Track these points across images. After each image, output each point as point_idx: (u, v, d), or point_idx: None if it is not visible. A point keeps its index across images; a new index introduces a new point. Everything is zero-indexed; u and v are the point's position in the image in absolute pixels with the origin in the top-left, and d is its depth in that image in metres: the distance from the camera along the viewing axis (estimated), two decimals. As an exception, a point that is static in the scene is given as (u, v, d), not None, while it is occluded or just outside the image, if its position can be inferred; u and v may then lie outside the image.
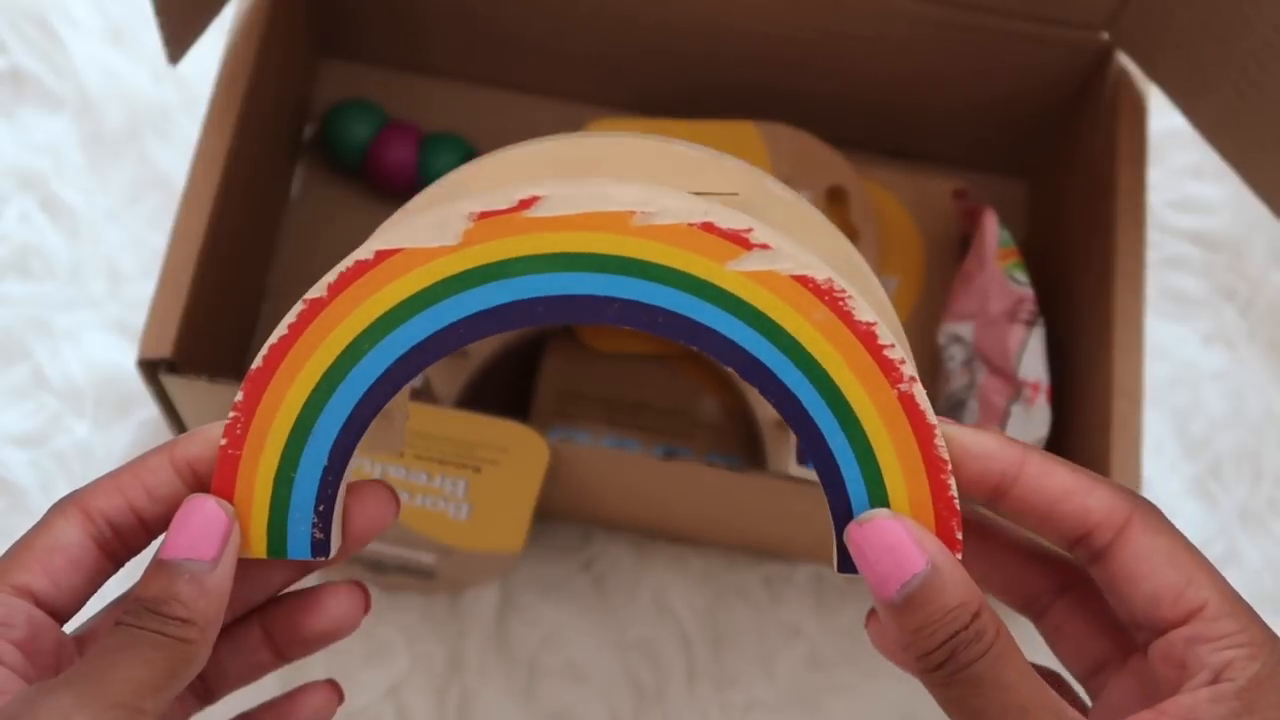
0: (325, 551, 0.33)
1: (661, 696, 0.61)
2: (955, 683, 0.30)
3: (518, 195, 0.30)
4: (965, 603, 0.30)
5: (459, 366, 0.60)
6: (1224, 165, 0.57)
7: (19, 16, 0.69)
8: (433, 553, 0.56)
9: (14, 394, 0.63)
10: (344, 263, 0.31)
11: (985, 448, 0.32)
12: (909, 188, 0.68)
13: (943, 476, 0.31)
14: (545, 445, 0.53)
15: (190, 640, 0.31)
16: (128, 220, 0.66)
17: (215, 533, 0.32)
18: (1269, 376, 0.68)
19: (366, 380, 0.31)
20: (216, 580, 0.31)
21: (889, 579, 0.30)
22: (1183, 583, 0.31)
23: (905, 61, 0.64)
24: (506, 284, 0.30)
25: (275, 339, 0.31)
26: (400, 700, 0.60)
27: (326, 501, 0.32)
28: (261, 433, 0.32)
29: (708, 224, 0.30)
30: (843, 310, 0.30)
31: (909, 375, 0.31)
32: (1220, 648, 0.30)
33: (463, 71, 0.69)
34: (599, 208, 0.30)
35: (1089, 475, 0.32)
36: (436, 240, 0.30)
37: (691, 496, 0.57)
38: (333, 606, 0.36)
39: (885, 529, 0.30)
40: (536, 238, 0.30)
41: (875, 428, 0.31)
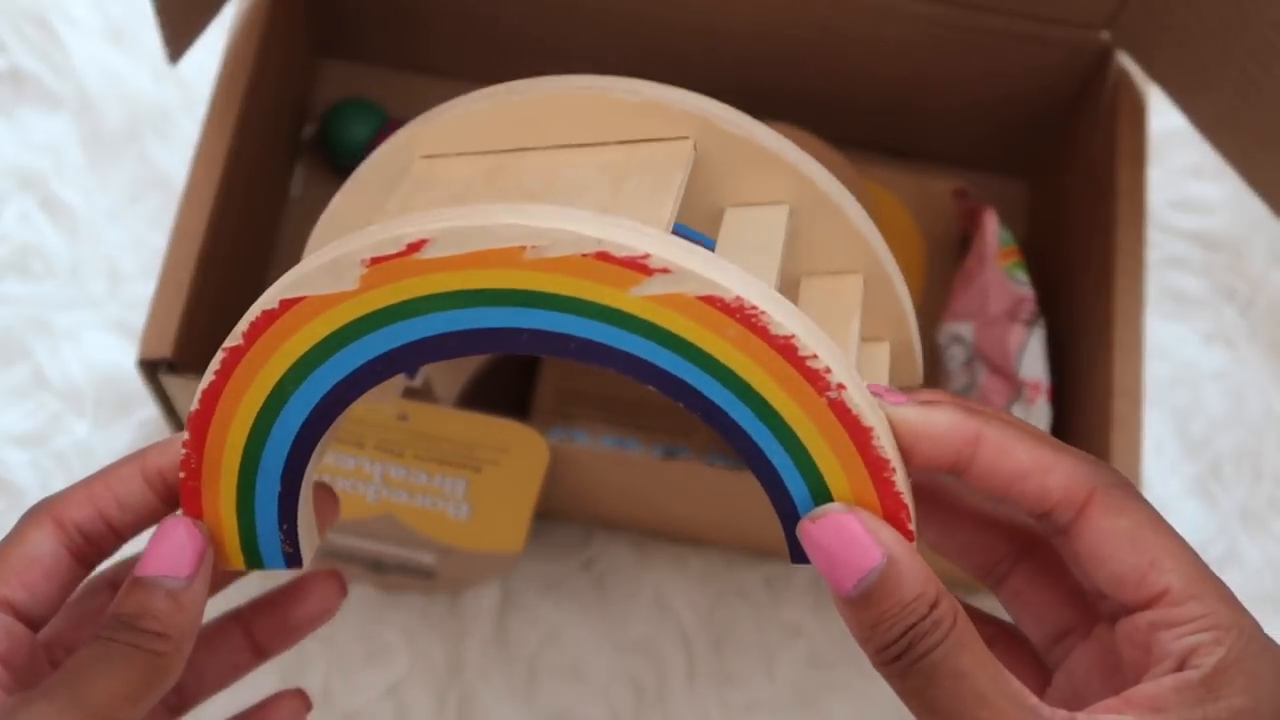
0: (298, 562, 0.34)
1: (661, 696, 0.61)
2: (912, 674, 0.29)
3: (405, 239, 0.29)
4: (923, 594, 0.29)
5: (459, 366, 0.60)
6: (1224, 165, 0.57)
7: (19, 16, 0.69)
8: (433, 553, 0.56)
9: (14, 394, 0.63)
10: (252, 311, 0.31)
11: (936, 429, 0.31)
12: (909, 188, 0.68)
13: (886, 475, 0.30)
14: (545, 445, 0.53)
15: (165, 653, 0.32)
16: (128, 220, 0.66)
17: (191, 551, 0.32)
18: (1269, 376, 0.68)
19: (299, 416, 0.32)
20: (191, 596, 0.32)
21: (845, 575, 0.30)
22: (1145, 565, 0.30)
23: (905, 61, 0.64)
24: (412, 323, 0.30)
25: (205, 384, 0.32)
26: (400, 700, 0.60)
27: (289, 519, 0.33)
28: (214, 467, 0.32)
29: (601, 254, 0.29)
30: (757, 325, 0.29)
31: (836, 382, 0.29)
32: (1184, 633, 0.29)
33: (463, 71, 0.69)
34: (487, 245, 0.29)
35: (1052, 448, 0.31)
36: (336, 286, 0.30)
37: (691, 496, 0.57)
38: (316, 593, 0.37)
39: (839, 523, 0.30)
40: (431, 278, 0.30)
41: (810, 436, 0.30)
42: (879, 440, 0.30)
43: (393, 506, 0.55)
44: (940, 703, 0.29)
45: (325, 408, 0.32)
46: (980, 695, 0.29)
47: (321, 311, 0.30)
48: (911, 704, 0.30)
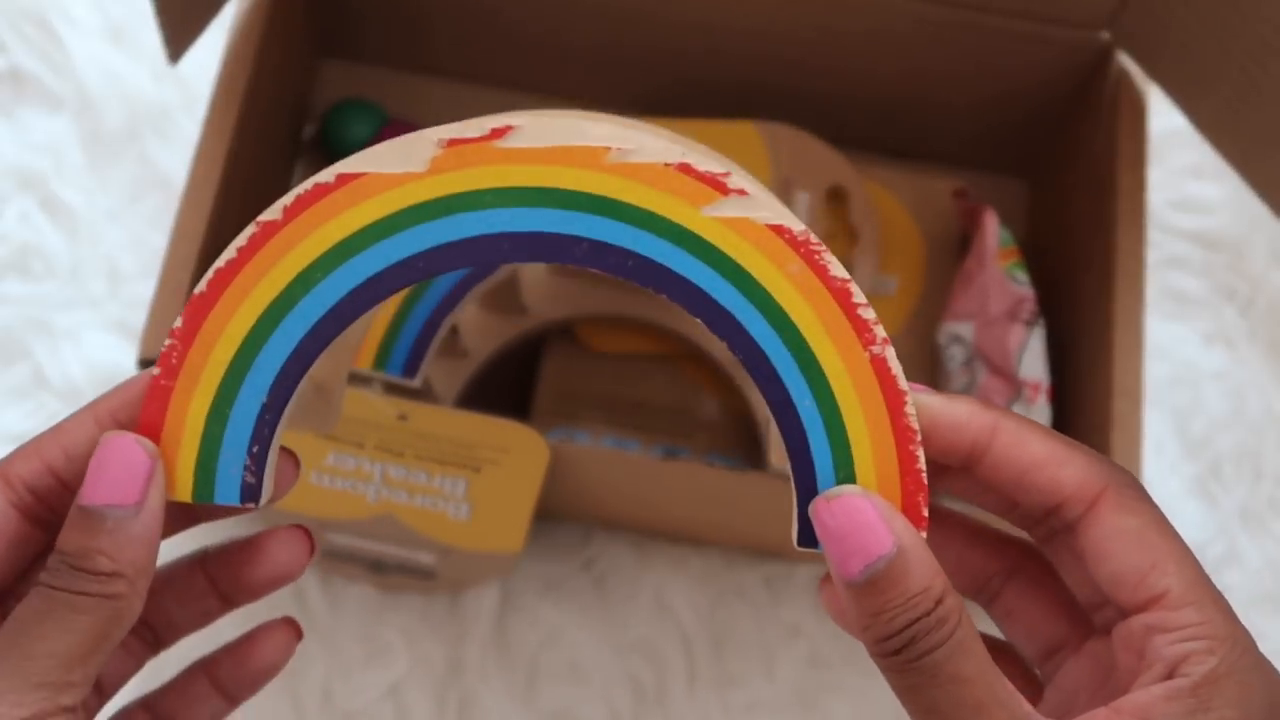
0: (255, 497, 0.31)
1: (661, 696, 0.61)
2: (911, 670, 0.29)
3: (490, 124, 0.29)
4: (929, 588, 0.29)
5: (459, 366, 0.60)
6: (1224, 165, 0.57)
7: (19, 16, 0.69)
8: (433, 553, 0.56)
9: (14, 394, 0.63)
10: (302, 185, 0.29)
11: (956, 416, 0.30)
12: (909, 188, 0.68)
13: (911, 448, 0.30)
14: (545, 445, 0.53)
15: (118, 595, 0.29)
16: (128, 220, 0.66)
17: (137, 474, 0.29)
18: (1269, 376, 0.68)
19: (316, 311, 0.29)
20: (142, 526, 0.29)
21: (852, 558, 0.29)
22: (1146, 566, 0.30)
23: (906, 61, 0.64)
24: (472, 216, 0.29)
25: (222, 262, 0.29)
26: (400, 701, 0.60)
27: (261, 442, 0.30)
28: (199, 363, 0.30)
29: (684, 165, 0.29)
30: (818, 264, 0.29)
31: (881, 337, 0.29)
32: (1178, 639, 0.29)
33: (463, 71, 0.69)
34: (573, 141, 0.29)
35: (1065, 444, 0.31)
36: (402, 166, 0.29)
37: (691, 496, 0.57)
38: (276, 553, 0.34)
39: (853, 507, 0.29)
40: (506, 169, 0.29)
41: (845, 391, 0.29)
42: (910, 408, 0.30)
43: (393, 506, 0.55)
44: (939, 705, 0.29)
45: (346, 306, 0.29)
46: (978, 703, 0.28)
47: (381, 191, 0.29)
48: (908, 700, 0.29)
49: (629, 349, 0.63)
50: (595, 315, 0.62)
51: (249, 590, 0.34)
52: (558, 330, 0.63)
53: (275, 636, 0.35)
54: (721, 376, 0.62)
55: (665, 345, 0.63)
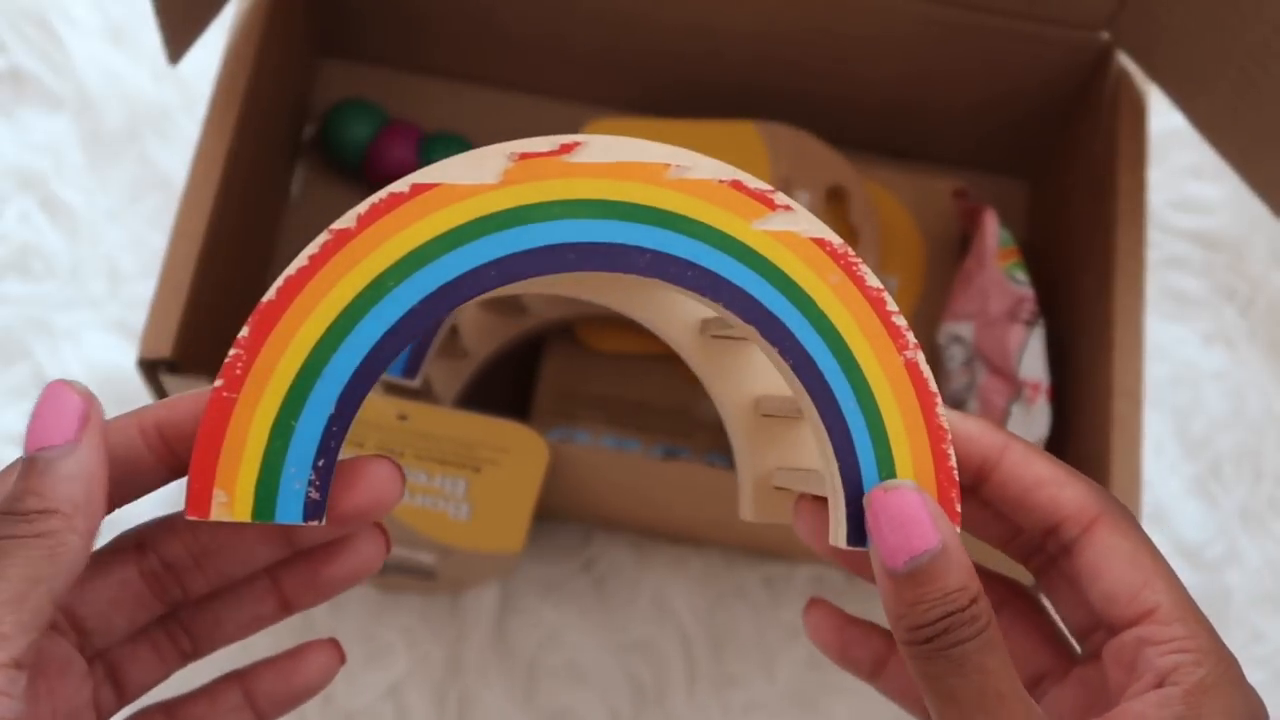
0: (319, 514, 0.30)
1: (661, 696, 0.61)
2: (939, 658, 0.30)
3: (560, 140, 0.30)
4: (966, 587, 0.30)
5: (459, 366, 0.60)
6: (1224, 165, 0.57)
7: (19, 16, 0.69)
8: (433, 553, 0.56)
9: (14, 394, 0.63)
10: (377, 194, 0.30)
11: (971, 431, 0.33)
12: (909, 188, 0.68)
13: (944, 446, 0.32)
14: (545, 445, 0.53)
15: (50, 532, 0.28)
16: (128, 220, 0.66)
17: (68, 414, 0.29)
18: (1269, 376, 0.68)
19: (387, 320, 0.30)
20: (76, 462, 0.28)
21: (899, 549, 0.30)
22: (1139, 584, 0.31)
23: (906, 61, 0.64)
24: (541, 227, 0.30)
25: (293, 270, 0.29)
26: (400, 701, 0.60)
27: (327, 456, 0.30)
28: (264, 373, 0.29)
29: (736, 182, 0.31)
30: (856, 275, 0.31)
31: (913, 343, 0.31)
32: (1167, 651, 0.31)
33: (463, 71, 0.69)
34: (637, 158, 0.30)
35: (1067, 471, 0.33)
36: (475, 177, 0.30)
37: (691, 496, 0.57)
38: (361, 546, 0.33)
39: (908, 500, 0.30)
40: (575, 182, 0.30)
41: (884, 393, 0.31)
42: (941, 409, 0.32)
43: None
44: (961, 692, 0.30)
45: (417, 315, 0.30)
46: (1000, 693, 0.30)
47: (454, 201, 0.30)
48: (928, 686, 0.30)
49: (629, 349, 0.63)
50: (595, 315, 0.62)
51: (325, 587, 0.33)
52: (558, 330, 0.63)
53: (321, 655, 0.34)
54: (721, 376, 0.62)
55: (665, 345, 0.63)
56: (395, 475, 0.31)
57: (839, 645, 0.37)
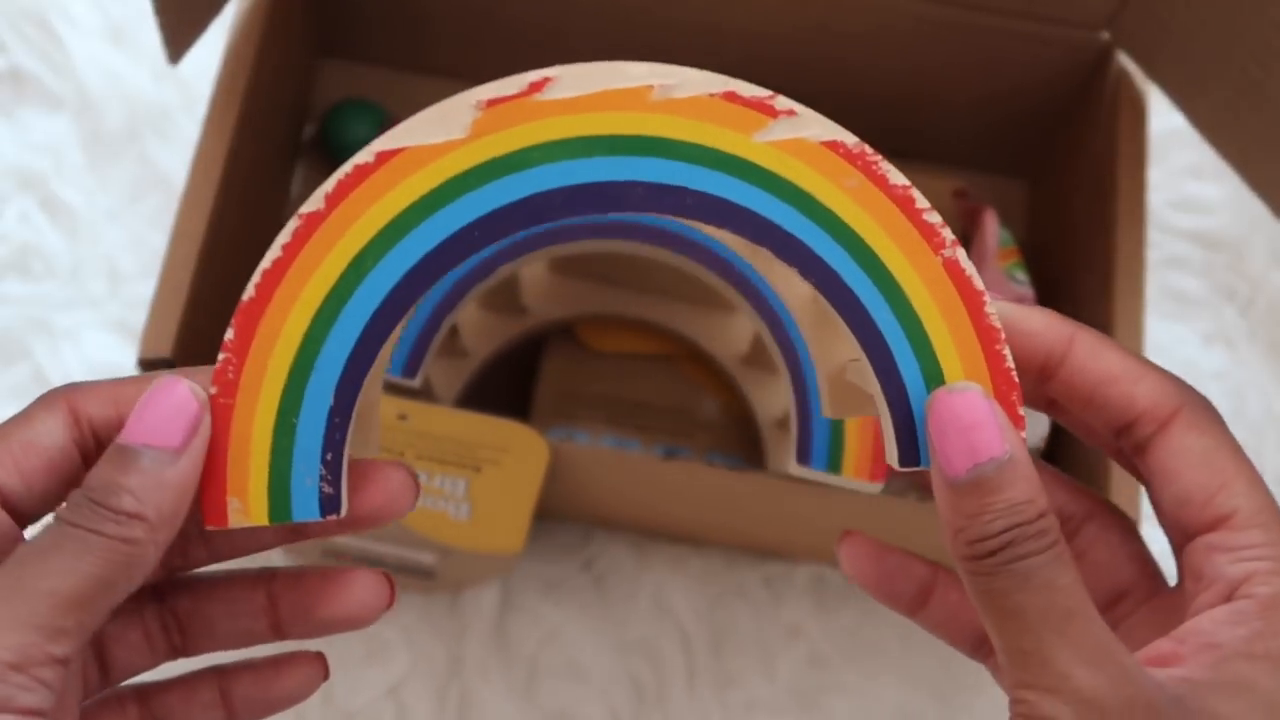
0: (336, 508, 0.29)
1: (661, 696, 0.61)
2: (1002, 573, 0.27)
3: (528, 79, 0.28)
4: (1034, 499, 0.28)
5: (459, 366, 0.60)
6: (1224, 165, 0.57)
7: (19, 16, 0.69)
8: (433, 553, 0.56)
9: (14, 394, 0.63)
10: (342, 169, 0.28)
11: (1031, 325, 0.30)
12: (909, 188, 0.68)
13: (997, 347, 0.29)
14: (545, 445, 0.53)
15: (134, 540, 0.27)
16: (128, 220, 0.66)
17: (182, 418, 0.28)
18: (1269, 376, 0.68)
19: (373, 301, 0.28)
20: (178, 473, 0.27)
21: (960, 456, 0.28)
22: (1214, 487, 0.29)
23: (906, 61, 0.64)
24: (522, 176, 0.28)
25: (268, 263, 0.28)
26: (400, 700, 0.60)
27: (334, 449, 0.29)
28: (257, 374, 0.28)
29: (730, 93, 0.28)
30: (876, 174, 0.29)
31: (951, 239, 0.29)
32: (1239, 559, 0.28)
33: (463, 70, 0.69)
34: (615, 84, 0.28)
35: (1140, 361, 0.30)
36: (442, 135, 0.28)
37: (691, 496, 0.57)
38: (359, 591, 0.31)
39: (972, 404, 0.28)
40: (551, 122, 0.28)
41: (922, 298, 0.29)
42: (991, 308, 0.29)
43: (393, 506, 0.55)
44: (1026, 609, 0.27)
45: (404, 290, 0.28)
46: (1069, 611, 0.27)
47: (424, 164, 0.28)
48: (989, 604, 0.28)
49: (629, 349, 0.63)
50: (595, 315, 0.62)
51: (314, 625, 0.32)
52: (558, 330, 0.63)
53: (304, 668, 0.33)
54: (721, 376, 0.62)
55: (665, 345, 0.63)
56: (409, 480, 0.31)
57: (879, 577, 0.34)
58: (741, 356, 0.61)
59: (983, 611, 0.28)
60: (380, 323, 0.28)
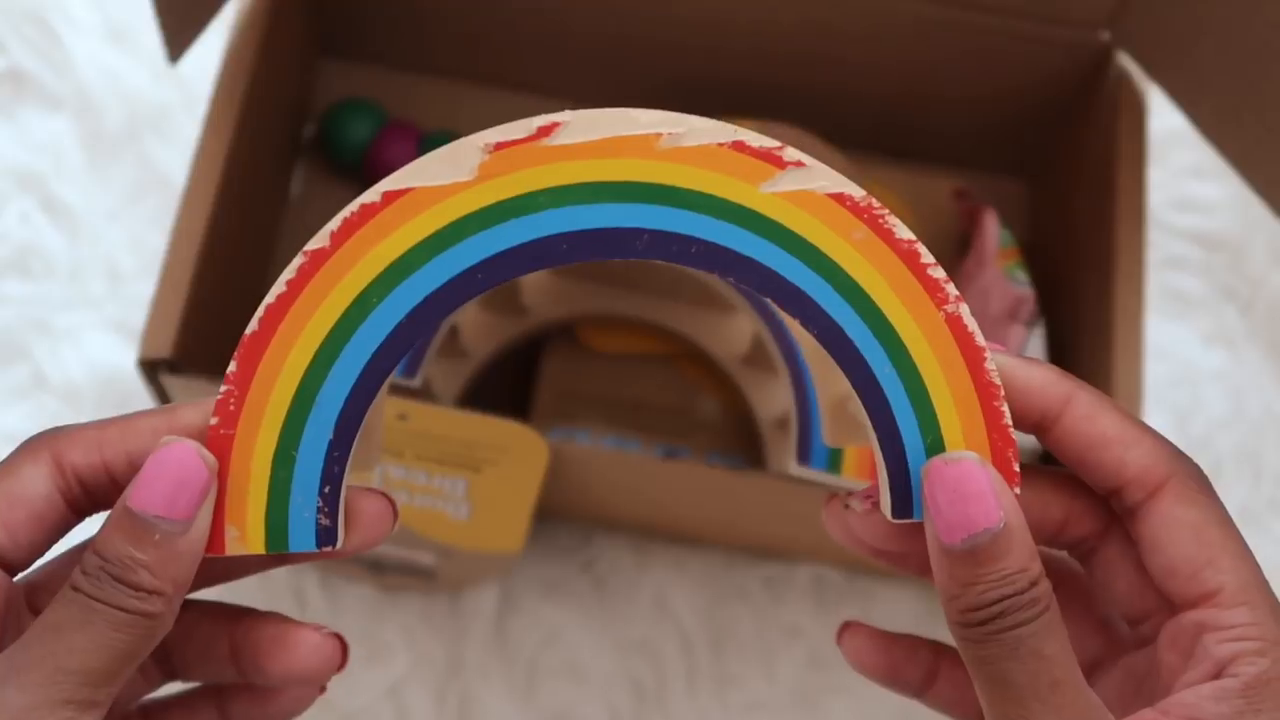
0: (332, 540, 0.30)
1: (661, 696, 0.61)
2: (992, 642, 0.28)
3: (536, 123, 0.28)
4: (1026, 568, 0.28)
5: (459, 366, 0.60)
6: (1224, 165, 0.57)
7: (19, 16, 0.69)
8: (433, 553, 0.56)
9: (14, 394, 0.63)
10: (348, 208, 0.28)
11: (1031, 382, 0.30)
12: (909, 187, 0.68)
13: (996, 404, 0.29)
14: (545, 445, 0.53)
15: (156, 614, 0.28)
16: (128, 220, 0.66)
17: (193, 488, 0.28)
18: (1269, 376, 0.68)
19: (376, 338, 0.29)
20: (189, 544, 0.28)
21: (957, 525, 0.28)
22: (1202, 561, 0.29)
23: (906, 60, 0.64)
24: (527, 220, 0.28)
25: (272, 298, 0.28)
26: (400, 700, 0.60)
27: (332, 482, 0.29)
28: (259, 406, 0.29)
29: (738, 143, 0.28)
30: (883, 229, 0.29)
31: (954, 295, 0.29)
32: (1227, 639, 0.28)
33: (463, 71, 0.69)
34: (623, 131, 0.28)
35: (1135, 426, 0.30)
36: (450, 176, 0.28)
37: (691, 496, 0.57)
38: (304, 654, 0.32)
39: (969, 475, 0.28)
40: (558, 167, 0.28)
41: (923, 353, 0.29)
42: (991, 364, 0.29)
43: (393, 506, 0.55)
44: (1014, 676, 0.28)
45: (406, 329, 0.28)
46: (1056, 680, 0.28)
47: (430, 205, 0.28)
48: (980, 671, 0.28)
49: (629, 349, 0.63)
50: (595, 315, 0.62)
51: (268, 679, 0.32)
52: (558, 330, 0.63)
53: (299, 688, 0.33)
54: (721, 376, 0.62)
55: (665, 345, 0.63)
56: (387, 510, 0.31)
57: (888, 668, 0.35)
58: (741, 356, 0.61)
59: (974, 677, 0.29)
60: (382, 360, 0.29)
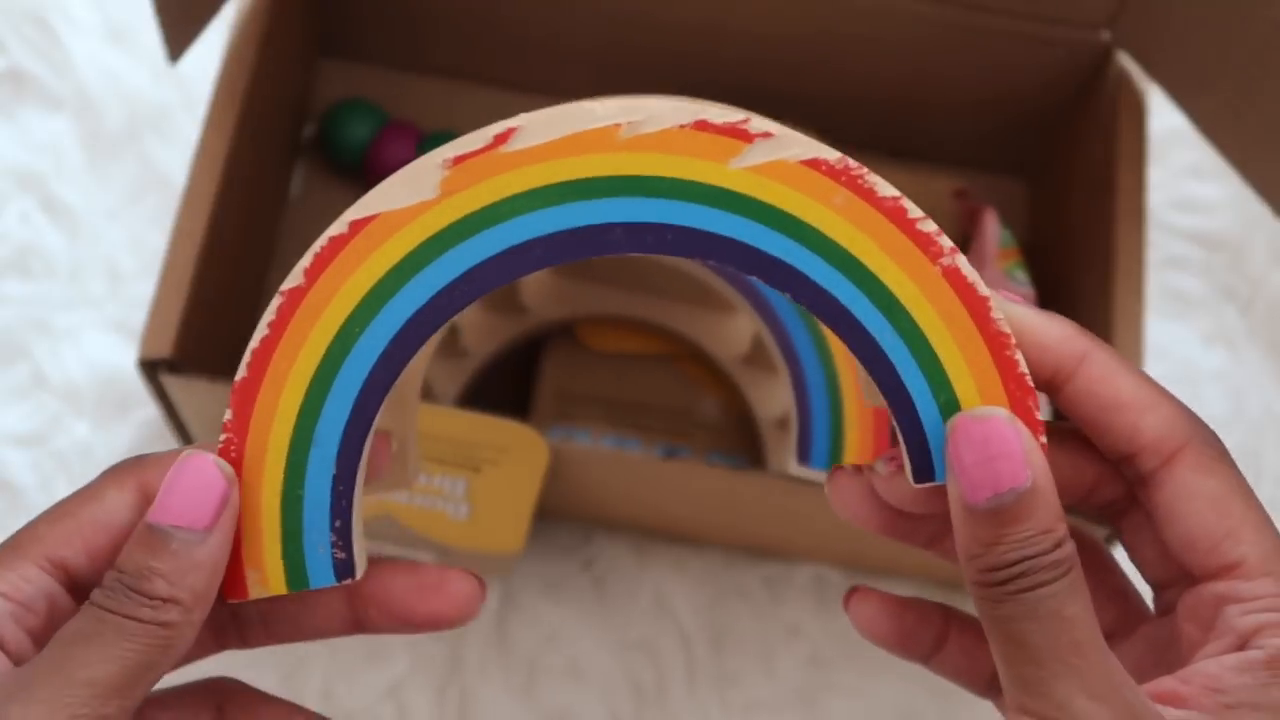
0: (351, 572, 0.30)
1: (661, 696, 0.61)
2: (1011, 601, 0.27)
3: (492, 131, 0.27)
4: (1052, 529, 0.27)
5: (459, 366, 0.60)
6: (1224, 165, 0.57)
7: (19, 16, 0.69)
8: (432, 553, 0.56)
9: (14, 394, 0.63)
10: (318, 242, 0.28)
11: (1046, 336, 0.29)
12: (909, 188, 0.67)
13: (1008, 353, 0.28)
14: (545, 445, 0.53)
15: (171, 624, 0.27)
16: (128, 220, 0.66)
17: (210, 497, 0.28)
18: (1269, 376, 0.68)
19: (364, 367, 0.28)
20: (209, 552, 0.28)
21: (984, 484, 0.27)
22: (1221, 532, 0.28)
23: (906, 61, 0.64)
24: (497, 231, 0.28)
25: (256, 342, 0.28)
26: (400, 700, 0.60)
27: (342, 516, 0.29)
28: (259, 451, 0.29)
29: (701, 122, 0.27)
30: (863, 188, 0.28)
31: (949, 247, 0.28)
32: (1252, 609, 0.28)
33: (463, 71, 0.69)
34: (581, 127, 0.28)
35: (1152, 389, 0.29)
36: (413, 198, 0.28)
37: (691, 496, 0.57)
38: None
39: (999, 433, 0.27)
40: (520, 173, 0.27)
41: (923, 311, 0.28)
42: (997, 312, 0.28)
43: (391, 507, 0.55)
44: (1033, 638, 0.27)
45: (393, 354, 0.28)
46: (1077, 642, 0.27)
47: (398, 228, 0.28)
48: (997, 630, 0.28)
49: (629, 349, 0.63)
50: (595, 315, 0.62)
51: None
52: (558, 330, 0.63)
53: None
54: (721, 376, 0.62)
55: (665, 345, 0.63)
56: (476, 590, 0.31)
57: (899, 634, 0.33)
58: (741, 356, 0.61)
59: (990, 635, 0.28)
60: (373, 389, 0.29)
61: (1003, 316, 0.28)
